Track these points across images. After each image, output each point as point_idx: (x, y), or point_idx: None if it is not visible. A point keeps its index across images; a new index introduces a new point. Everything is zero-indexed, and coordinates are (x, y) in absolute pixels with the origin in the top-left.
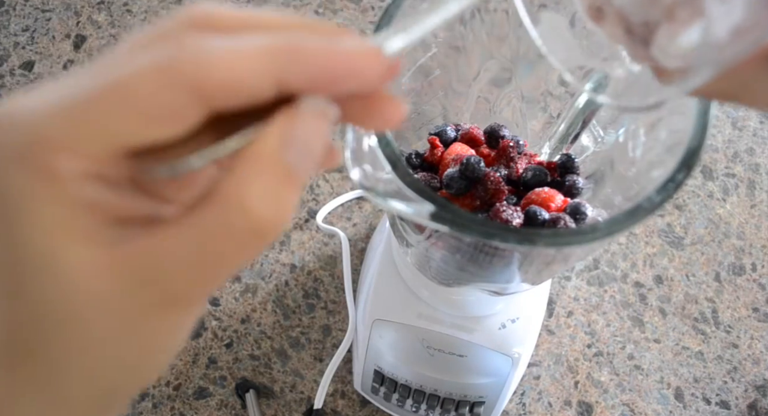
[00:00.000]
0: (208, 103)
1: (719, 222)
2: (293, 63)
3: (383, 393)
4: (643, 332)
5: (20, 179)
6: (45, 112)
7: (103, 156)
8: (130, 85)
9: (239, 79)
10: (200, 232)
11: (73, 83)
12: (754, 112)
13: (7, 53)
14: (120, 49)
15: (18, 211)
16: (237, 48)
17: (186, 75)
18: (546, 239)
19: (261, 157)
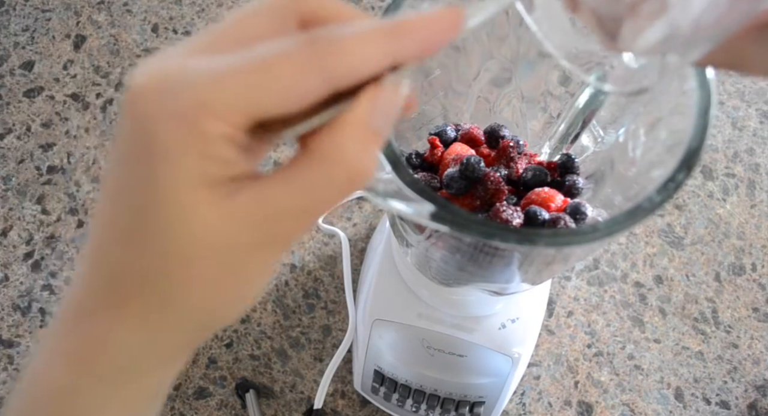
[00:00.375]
0: (336, 84)
1: (719, 222)
2: (404, 39)
3: (383, 393)
4: (643, 332)
5: (174, 133)
6: (203, 78)
7: (243, 123)
8: (275, 66)
9: (365, 62)
10: (306, 184)
11: (221, 52)
12: (754, 112)
13: (7, 53)
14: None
15: (164, 159)
16: (359, 35)
17: (322, 61)
18: (546, 239)
19: (354, 122)
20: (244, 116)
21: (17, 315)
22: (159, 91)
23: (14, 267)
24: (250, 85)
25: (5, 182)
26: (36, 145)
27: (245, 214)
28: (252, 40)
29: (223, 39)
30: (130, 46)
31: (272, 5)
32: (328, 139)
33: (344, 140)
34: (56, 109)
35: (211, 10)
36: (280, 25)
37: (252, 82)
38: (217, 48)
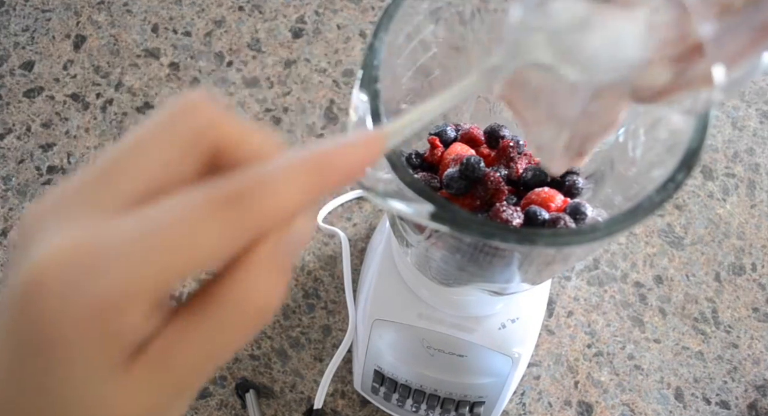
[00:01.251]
0: (256, 234)
1: (719, 222)
2: (326, 174)
3: (383, 393)
4: (643, 332)
5: (78, 338)
6: (107, 268)
7: (155, 300)
8: (190, 235)
9: (288, 207)
10: (211, 331)
11: (119, 202)
12: (754, 112)
13: (7, 53)
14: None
15: (67, 362)
16: (279, 180)
17: (243, 219)
18: (546, 239)
19: (263, 262)
20: (155, 294)
21: None
22: (59, 287)
23: None
24: (162, 263)
25: (5, 182)
26: (36, 145)
27: (152, 383)
28: (153, 180)
29: (121, 180)
30: (130, 46)
31: (177, 136)
32: (236, 282)
33: (253, 282)
34: (56, 109)
35: (211, 10)
36: (188, 157)
37: (165, 260)
38: (114, 194)
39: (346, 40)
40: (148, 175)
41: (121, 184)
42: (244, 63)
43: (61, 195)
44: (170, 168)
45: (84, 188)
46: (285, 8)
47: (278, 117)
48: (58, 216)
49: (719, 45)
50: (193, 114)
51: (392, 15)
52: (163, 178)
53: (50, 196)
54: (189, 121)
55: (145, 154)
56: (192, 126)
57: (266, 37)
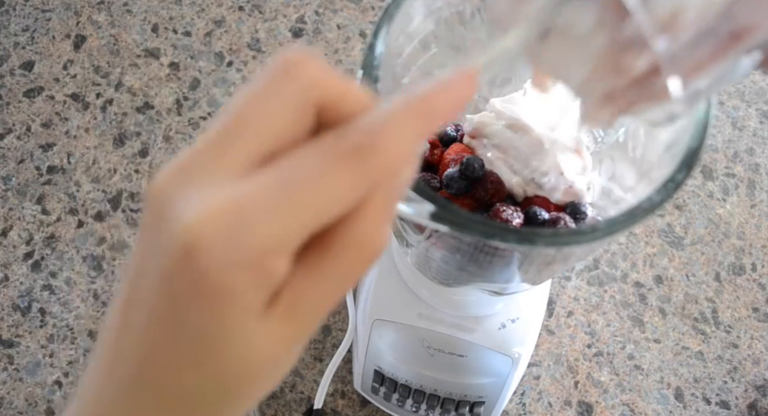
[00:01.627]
0: (379, 181)
1: (719, 222)
2: (432, 116)
3: (383, 393)
4: (643, 332)
5: (241, 281)
6: (259, 219)
7: (300, 243)
8: (324, 189)
9: (405, 153)
10: (334, 274)
11: (249, 159)
12: (754, 112)
13: (7, 53)
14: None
15: (232, 302)
16: (393, 127)
17: (367, 169)
18: (546, 239)
19: (372, 213)
20: (300, 239)
21: (17, 315)
22: (220, 241)
23: (14, 267)
24: (303, 214)
25: (5, 182)
26: (36, 145)
27: (286, 325)
28: (270, 142)
29: (242, 145)
30: (130, 46)
31: (287, 98)
32: (357, 227)
33: (371, 227)
34: (56, 109)
35: (211, 10)
36: (300, 116)
37: (305, 211)
38: (238, 158)
39: (346, 40)
40: (265, 137)
41: (243, 148)
42: (244, 63)
43: (188, 161)
44: (284, 129)
45: (208, 154)
46: (285, 8)
47: None
48: (190, 181)
49: (676, 59)
50: (297, 73)
51: (392, 15)
52: (279, 139)
53: (177, 163)
54: (295, 82)
55: (259, 117)
56: (299, 85)
57: (266, 37)
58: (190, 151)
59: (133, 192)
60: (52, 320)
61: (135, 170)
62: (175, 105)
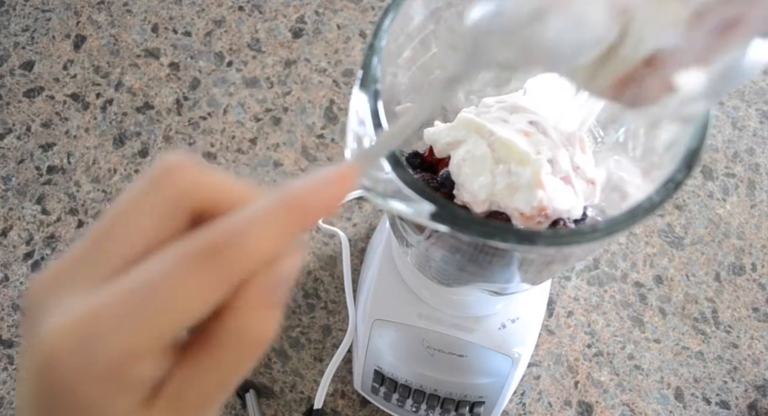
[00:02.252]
0: (240, 279)
1: (719, 222)
2: (302, 215)
3: (383, 393)
4: (643, 332)
5: (101, 392)
6: (114, 329)
7: (163, 347)
8: (179, 288)
9: (267, 250)
10: (218, 366)
11: (110, 269)
12: (754, 112)
13: (7, 53)
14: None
15: (94, 411)
16: (256, 227)
17: (225, 268)
18: (546, 239)
19: (255, 303)
20: (159, 344)
21: (17, 315)
22: (74, 355)
23: (14, 267)
24: (157, 319)
25: (5, 182)
26: (36, 145)
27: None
28: (141, 245)
29: (110, 250)
30: (130, 46)
31: (159, 201)
32: (230, 322)
33: (246, 320)
34: (56, 109)
35: (211, 10)
36: (168, 222)
37: (159, 316)
38: (105, 264)
39: (346, 40)
40: (135, 240)
41: (111, 253)
42: (244, 63)
43: (58, 270)
44: (156, 232)
45: (78, 262)
46: (285, 8)
47: (278, 117)
48: (58, 291)
49: (683, 50)
50: (172, 178)
51: (392, 15)
52: (150, 241)
53: (49, 272)
54: (169, 186)
55: (130, 222)
56: (173, 190)
57: (266, 37)
58: (67, 256)
59: None
60: None
61: (135, 170)
62: (175, 105)
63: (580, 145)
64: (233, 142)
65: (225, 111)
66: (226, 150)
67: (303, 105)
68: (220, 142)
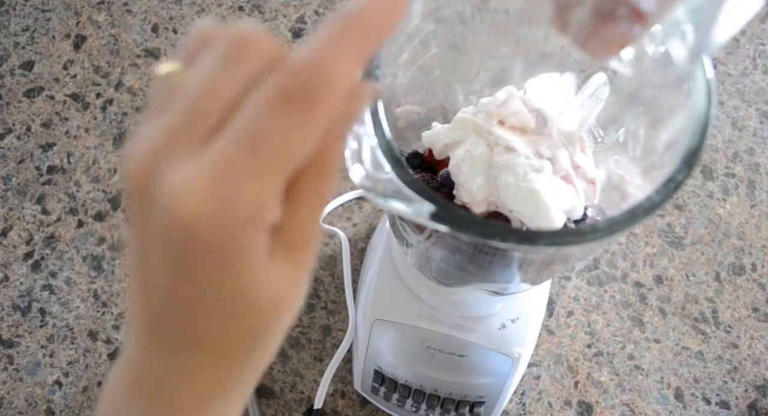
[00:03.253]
0: (333, 111)
1: (719, 222)
2: (367, 34)
3: (383, 393)
4: (643, 332)
5: (244, 246)
6: (241, 193)
7: (280, 193)
8: (282, 140)
9: (346, 80)
10: (313, 201)
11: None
12: (754, 112)
13: (7, 53)
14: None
15: (241, 262)
16: (329, 56)
17: (316, 110)
18: (546, 239)
19: (339, 137)
20: (279, 191)
21: (17, 315)
22: (216, 205)
23: (14, 267)
24: (278, 166)
25: (5, 182)
26: (36, 145)
27: (288, 263)
28: (228, 110)
29: (201, 119)
30: (130, 46)
31: (244, 76)
32: (323, 156)
33: (334, 154)
34: (56, 109)
35: (211, 10)
36: (252, 90)
37: (278, 163)
38: (201, 127)
39: None
40: (223, 107)
41: (203, 121)
42: None
43: (153, 144)
44: (240, 97)
45: (171, 134)
46: (285, 8)
47: None
48: (162, 162)
49: None
50: (250, 52)
51: None
52: (232, 108)
53: (145, 146)
54: (253, 61)
55: (216, 96)
56: (253, 67)
57: None
58: (157, 132)
59: None
60: (52, 320)
61: None
62: None
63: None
64: None
65: None
66: None
67: None
68: None
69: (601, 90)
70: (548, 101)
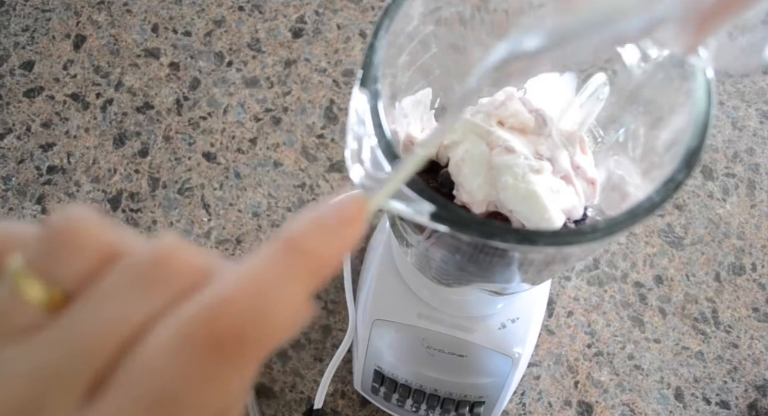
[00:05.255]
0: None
1: (719, 222)
2: (320, 269)
3: (383, 393)
4: (643, 332)
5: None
6: None
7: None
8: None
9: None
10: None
11: None
12: (754, 112)
13: (7, 53)
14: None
15: None
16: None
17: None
18: (546, 239)
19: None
20: None
21: None
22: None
23: None
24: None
25: (5, 182)
26: (36, 145)
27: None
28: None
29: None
30: (130, 46)
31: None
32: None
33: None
34: (56, 109)
35: (211, 10)
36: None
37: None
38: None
39: (346, 40)
40: (119, 345)
41: (93, 366)
42: (244, 63)
43: (31, 388)
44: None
45: (59, 378)
46: (285, 8)
47: (278, 117)
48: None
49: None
50: (168, 275)
51: (392, 15)
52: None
53: (15, 392)
54: (163, 287)
55: (115, 330)
56: (166, 294)
57: (266, 37)
58: (26, 377)
59: (133, 192)
60: None
61: (135, 170)
62: (175, 105)
63: (580, 145)
64: (233, 141)
65: (225, 111)
66: (226, 150)
67: (303, 105)
68: (220, 142)
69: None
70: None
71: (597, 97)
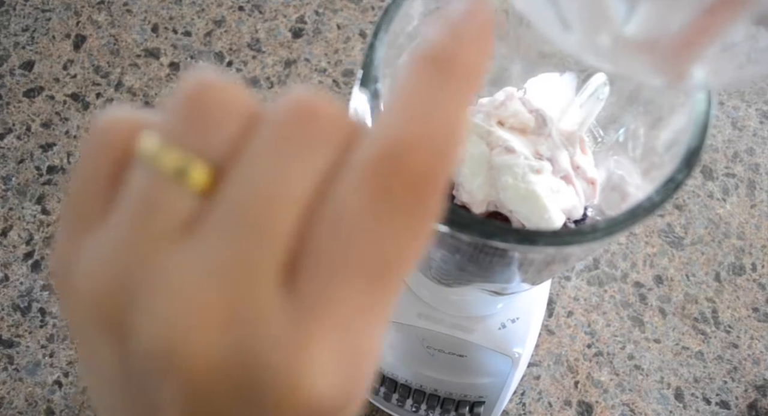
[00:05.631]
0: None
1: (719, 222)
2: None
3: (383, 393)
4: (643, 332)
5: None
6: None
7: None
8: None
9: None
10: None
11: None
12: (754, 112)
13: (7, 53)
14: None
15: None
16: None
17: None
18: (546, 239)
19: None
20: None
21: (17, 315)
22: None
23: (14, 267)
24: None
25: (5, 182)
26: (36, 145)
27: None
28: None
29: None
30: (130, 46)
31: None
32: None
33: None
34: (56, 109)
35: (211, 9)
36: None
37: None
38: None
39: (346, 40)
40: (298, 217)
41: (282, 244)
42: (244, 63)
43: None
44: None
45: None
46: (285, 8)
47: None
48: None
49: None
50: (319, 133)
51: (392, 15)
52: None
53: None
54: (322, 146)
55: (286, 203)
56: (327, 154)
57: (266, 37)
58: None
59: None
60: (52, 320)
61: None
62: None
63: (580, 145)
64: None
65: None
66: None
67: None
68: None
69: (601, 90)
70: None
71: (597, 97)
